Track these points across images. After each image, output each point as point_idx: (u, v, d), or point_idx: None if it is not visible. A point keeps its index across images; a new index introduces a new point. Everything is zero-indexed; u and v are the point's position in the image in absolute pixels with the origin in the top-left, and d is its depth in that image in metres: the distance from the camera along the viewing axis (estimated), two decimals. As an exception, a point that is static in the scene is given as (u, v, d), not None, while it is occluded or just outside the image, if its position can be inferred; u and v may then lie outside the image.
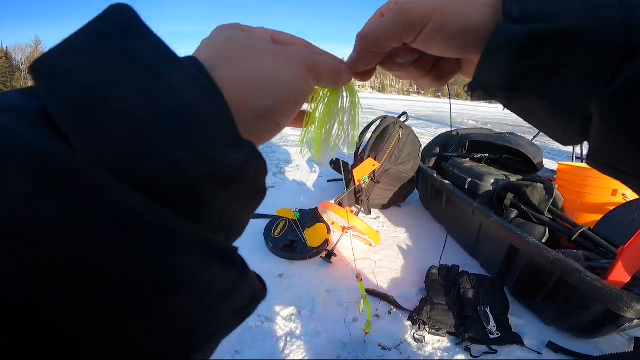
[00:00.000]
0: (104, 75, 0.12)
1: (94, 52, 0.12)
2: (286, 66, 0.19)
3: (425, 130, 7.05)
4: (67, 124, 0.11)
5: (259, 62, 0.18)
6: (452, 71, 0.28)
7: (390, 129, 2.20)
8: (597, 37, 0.18)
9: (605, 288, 1.00)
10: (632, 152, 0.19)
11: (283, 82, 0.19)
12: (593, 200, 1.65)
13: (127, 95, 0.12)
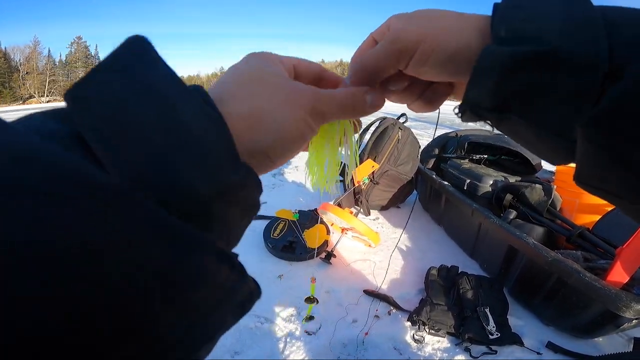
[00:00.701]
0: (129, 107, 0.14)
1: (120, 84, 0.14)
2: (289, 107, 0.20)
3: (424, 132, 7.06)
4: (101, 151, 0.13)
5: (264, 101, 0.19)
6: (444, 94, 0.28)
7: (390, 130, 2.20)
8: (578, 58, 0.18)
9: (604, 288, 1.00)
10: (617, 174, 0.19)
11: (282, 124, 0.20)
12: (591, 200, 1.65)
13: (151, 128, 0.14)
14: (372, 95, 0.25)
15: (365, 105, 0.25)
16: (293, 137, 0.20)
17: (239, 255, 0.17)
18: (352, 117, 0.26)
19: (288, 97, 0.20)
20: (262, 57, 0.23)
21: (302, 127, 0.21)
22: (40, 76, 46.18)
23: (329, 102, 0.22)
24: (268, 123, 0.19)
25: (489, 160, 2.12)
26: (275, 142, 0.20)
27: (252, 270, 0.69)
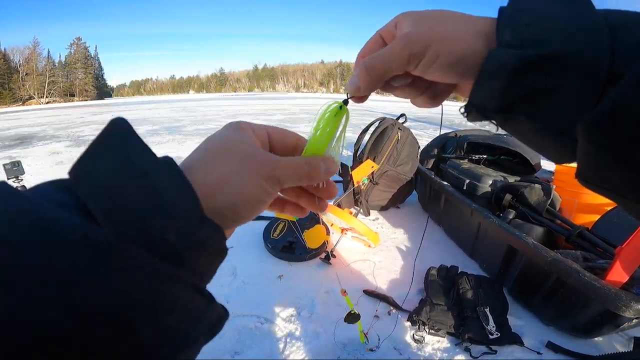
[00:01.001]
0: (116, 182, 0.18)
1: (108, 163, 0.19)
2: (246, 175, 0.23)
3: (424, 132, 7.06)
4: (98, 214, 0.17)
5: (224, 170, 0.22)
6: (446, 91, 0.29)
7: (389, 130, 2.20)
8: (580, 61, 0.19)
9: (604, 288, 1.00)
10: (620, 175, 0.20)
11: (239, 190, 0.22)
12: (590, 200, 1.66)
13: (132, 196, 0.18)
14: (326, 163, 0.28)
15: (320, 172, 0.27)
16: (250, 201, 0.23)
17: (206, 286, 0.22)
18: (308, 183, 0.28)
19: (246, 166, 0.23)
20: (235, 127, 0.26)
21: (258, 192, 0.23)
22: (40, 77, 46.16)
23: (284, 169, 0.25)
24: (227, 189, 0.22)
25: (488, 160, 2.12)
26: (234, 205, 0.22)
27: (252, 271, 0.70)
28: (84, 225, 0.16)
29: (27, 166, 3.50)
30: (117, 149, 0.19)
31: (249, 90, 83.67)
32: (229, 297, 1.35)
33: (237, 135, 0.25)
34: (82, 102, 34.59)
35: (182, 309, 0.18)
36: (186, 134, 6.12)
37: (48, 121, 9.54)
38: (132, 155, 0.19)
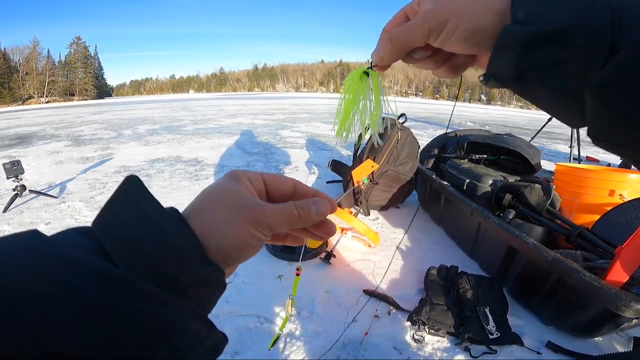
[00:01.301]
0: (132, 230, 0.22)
1: (127, 213, 0.22)
2: (234, 222, 0.25)
3: (424, 132, 7.06)
4: (115, 254, 0.20)
5: (216, 218, 0.25)
6: (465, 63, 0.33)
7: (389, 130, 2.20)
8: (585, 35, 0.22)
9: (604, 288, 1.00)
10: (623, 127, 0.23)
11: (229, 236, 0.25)
12: (591, 200, 1.65)
13: (146, 240, 0.21)
14: (318, 205, 0.30)
15: (311, 215, 0.29)
16: (239, 246, 0.25)
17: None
18: (301, 226, 0.30)
19: (235, 214, 0.26)
20: (231, 176, 0.29)
21: (246, 238, 0.26)
22: (40, 77, 46.05)
23: (273, 216, 0.27)
24: (220, 235, 0.25)
25: (488, 160, 2.12)
26: (227, 249, 0.25)
27: (252, 271, 0.70)
28: (105, 264, 0.19)
29: (26, 165, 3.51)
30: (132, 203, 0.23)
31: (249, 89, 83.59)
32: (229, 297, 1.35)
33: (231, 185, 0.28)
34: (81, 102, 34.54)
35: (188, 333, 0.21)
36: (186, 133, 6.11)
37: (48, 120, 9.53)
38: (145, 208, 0.23)
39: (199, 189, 2.33)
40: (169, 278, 0.21)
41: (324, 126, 7.27)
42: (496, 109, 31.94)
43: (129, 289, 0.19)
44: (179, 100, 24.39)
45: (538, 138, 5.60)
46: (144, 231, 0.22)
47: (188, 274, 0.22)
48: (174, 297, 0.21)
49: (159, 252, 0.21)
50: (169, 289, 0.21)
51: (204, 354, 0.22)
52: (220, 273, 0.24)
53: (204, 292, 0.24)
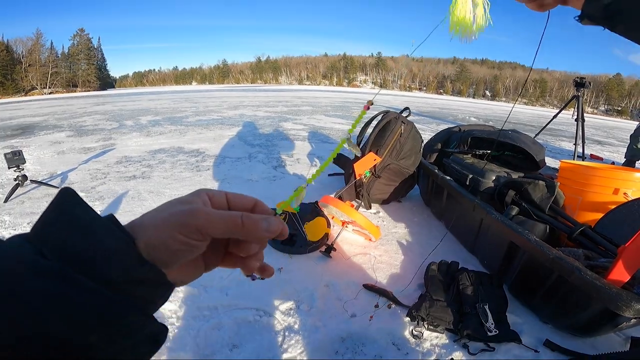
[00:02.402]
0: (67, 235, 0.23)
1: (60, 219, 0.24)
2: (163, 228, 0.27)
3: (427, 126, 7.02)
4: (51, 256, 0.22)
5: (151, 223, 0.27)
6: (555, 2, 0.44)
7: (392, 123, 2.18)
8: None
9: (605, 287, 0.99)
10: None
11: (158, 241, 0.26)
12: (594, 198, 1.64)
13: (78, 242, 0.23)
14: (269, 221, 0.30)
15: (259, 228, 0.30)
16: (164, 249, 0.27)
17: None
18: (245, 238, 0.31)
19: (163, 219, 0.27)
20: (194, 192, 0.30)
21: (169, 242, 0.27)
22: (43, 68, 45.94)
23: (206, 218, 0.28)
24: (146, 238, 0.26)
25: (492, 155, 2.10)
26: (155, 252, 0.26)
27: None
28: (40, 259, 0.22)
29: (28, 155, 3.51)
30: (65, 211, 0.25)
31: (251, 82, 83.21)
32: (228, 290, 1.35)
33: (184, 198, 0.30)
34: (84, 93, 34.48)
35: (120, 322, 0.23)
36: (188, 124, 6.10)
37: (50, 111, 9.54)
38: (77, 214, 0.25)
39: (200, 180, 2.33)
40: (101, 275, 0.23)
41: (327, 119, 7.24)
42: (500, 104, 31.69)
43: (60, 279, 0.21)
44: (181, 91, 24.32)
45: (542, 135, 5.56)
46: (75, 234, 0.24)
47: (122, 273, 0.24)
48: (104, 289, 0.22)
49: (90, 252, 0.23)
50: (102, 284, 0.22)
51: (141, 342, 0.25)
52: (158, 273, 0.26)
53: (143, 290, 0.25)
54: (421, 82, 76.92)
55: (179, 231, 0.27)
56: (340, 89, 46.27)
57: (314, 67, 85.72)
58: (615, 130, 12.26)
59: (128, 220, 0.28)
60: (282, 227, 0.32)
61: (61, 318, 0.20)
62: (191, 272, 0.33)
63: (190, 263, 0.31)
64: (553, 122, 4.26)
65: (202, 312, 1.24)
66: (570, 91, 4.26)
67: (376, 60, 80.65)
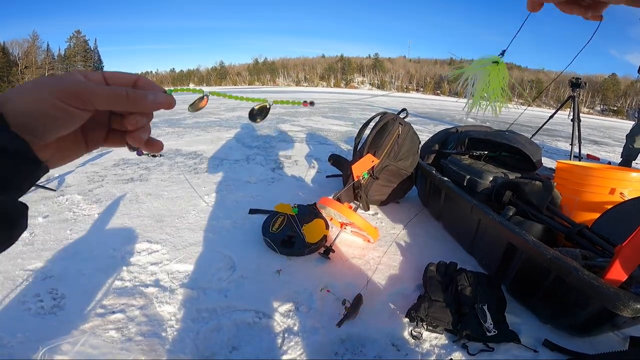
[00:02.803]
0: None
1: None
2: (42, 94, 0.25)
3: (424, 127, 7.04)
4: None
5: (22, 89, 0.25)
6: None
7: (390, 125, 2.19)
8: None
9: (602, 286, 1.00)
10: None
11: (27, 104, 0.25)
12: (591, 198, 1.65)
13: None
14: (155, 94, 0.30)
15: (145, 99, 0.29)
16: (36, 113, 0.25)
17: None
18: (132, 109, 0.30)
19: (43, 88, 0.25)
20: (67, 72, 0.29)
21: (45, 106, 0.25)
22: (39, 70, 45.85)
23: (88, 86, 0.27)
24: (18, 103, 0.24)
25: (489, 156, 2.11)
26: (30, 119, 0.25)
27: (250, 265, 0.70)
28: None
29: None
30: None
31: (249, 83, 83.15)
32: (227, 292, 1.35)
33: (58, 74, 0.28)
34: (81, 94, 34.35)
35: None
36: (185, 126, 6.09)
37: (47, 113, 9.48)
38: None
39: (198, 182, 2.32)
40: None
41: (324, 120, 7.24)
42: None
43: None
44: (179, 93, 24.24)
45: (539, 135, 5.59)
46: None
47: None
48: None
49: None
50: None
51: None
52: (20, 143, 0.24)
53: (4, 162, 0.23)
54: (418, 83, 77.14)
55: (57, 97, 0.26)
56: (337, 90, 46.32)
57: (312, 68, 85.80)
58: (612, 130, 12.33)
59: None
60: (169, 99, 0.32)
61: None
62: (70, 150, 0.31)
63: (68, 138, 0.30)
64: (549, 123, 4.28)
65: (201, 314, 1.24)
66: (566, 91, 4.29)
67: (373, 61, 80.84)
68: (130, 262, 1.56)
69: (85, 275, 1.44)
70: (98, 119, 0.32)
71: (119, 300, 1.30)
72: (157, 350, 1.09)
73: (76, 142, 0.32)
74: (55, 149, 0.29)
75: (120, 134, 0.34)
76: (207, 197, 2.40)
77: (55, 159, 0.30)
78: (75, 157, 0.32)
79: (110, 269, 1.49)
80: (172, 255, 1.63)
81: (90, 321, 1.19)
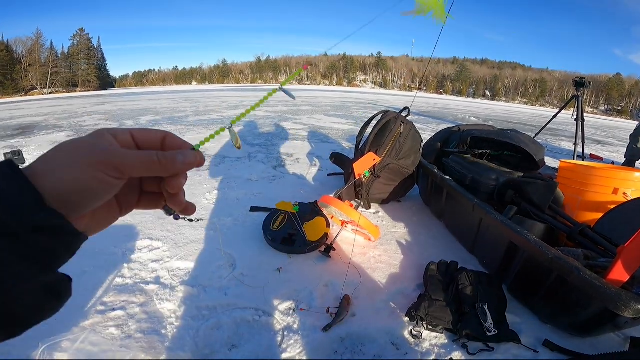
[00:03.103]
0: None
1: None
2: (78, 166, 0.25)
3: (427, 126, 7.02)
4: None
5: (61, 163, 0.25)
6: None
7: (392, 123, 2.18)
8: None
9: (604, 287, 0.99)
10: None
11: (71, 179, 0.25)
12: (594, 198, 1.64)
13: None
14: (183, 154, 0.30)
15: (175, 162, 0.30)
16: (77, 189, 0.25)
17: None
18: (163, 174, 0.30)
19: (78, 158, 0.25)
20: (93, 133, 0.28)
21: (90, 181, 0.25)
22: (43, 68, 45.95)
23: (124, 155, 0.27)
24: (56, 179, 0.24)
25: (491, 155, 2.10)
26: (65, 194, 0.25)
27: (251, 263, 0.71)
28: None
29: (28, 155, 3.51)
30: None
31: (251, 82, 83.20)
32: (227, 290, 1.35)
33: (86, 138, 0.27)
34: (84, 93, 34.47)
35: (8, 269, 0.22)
36: (188, 124, 6.10)
37: (50, 111, 9.53)
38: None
39: (199, 180, 2.33)
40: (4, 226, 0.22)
41: (326, 118, 7.23)
42: (500, 104, 31.69)
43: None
44: (181, 91, 24.31)
45: (542, 134, 5.56)
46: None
47: (16, 219, 0.22)
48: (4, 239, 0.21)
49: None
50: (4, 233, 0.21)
51: (35, 291, 0.24)
52: (59, 219, 0.24)
53: (44, 239, 0.23)
54: (421, 82, 76.89)
55: (96, 168, 0.26)
56: (340, 88, 46.25)
57: (314, 67, 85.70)
58: (615, 130, 12.26)
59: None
60: (198, 158, 0.31)
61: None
62: (105, 217, 0.31)
63: (103, 207, 0.29)
64: (553, 122, 4.26)
65: (201, 312, 1.24)
66: (570, 91, 4.27)
67: (376, 60, 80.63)
68: (131, 259, 1.57)
69: (86, 272, 1.44)
70: (131, 183, 0.32)
71: (119, 298, 1.31)
72: (157, 347, 1.09)
73: (110, 210, 0.32)
74: (90, 218, 0.29)
75: (153, 195, 0.34)
76: (209, 195, 2.41)
77: (91, 228, 0.30)
78: (110, 224, 0.32)
79: (111, 266, 1.50)
80: (173, 252, 1.63)
81: (90, 318, 1.19)
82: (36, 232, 0.23)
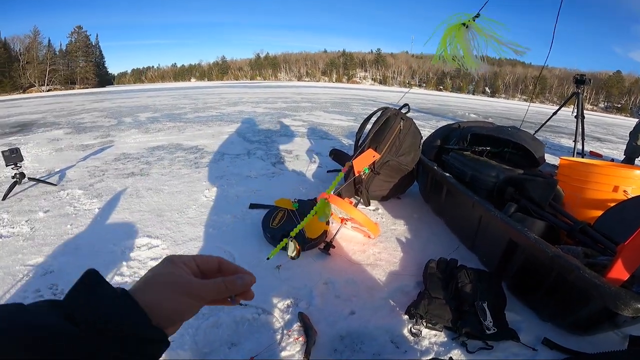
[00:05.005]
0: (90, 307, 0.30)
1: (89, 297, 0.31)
2: (170, 296, 0.35)
3: (427, 123, 7.01)
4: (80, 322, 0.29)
5: (163, 297, 0.35)
6: None
7: (391, 120, 2.17)
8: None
9: (604, 285, 0.99)
10: None
11: (167, 307, 0.35)
12: (594, 196, 1.63)
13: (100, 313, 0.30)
14: (242, 279, 0.43)
15: (237, 286, 0.42)
16: (176, 313, 0.36)
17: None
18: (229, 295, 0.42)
19: (171, 291, 0.36)
20: (168, 261, 0.39)
21: (182, 307, 0.36)
22: (41, 65, 45.68)
23: (202, 288, 0.38)
24: (165, 307, 0.34)
25: (491, 152, 2.09)
26: (170, 317, 0.35)
27: (250, 260, 0.71)
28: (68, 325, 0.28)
29: (26, 153, 3.50)
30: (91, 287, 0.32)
31: (250, 78, 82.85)
32: (226, 287, 1.35)
33: (168, 269, 0.38)
34: (83, 90, 34.31)
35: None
36: (187, 121, 6.08)
37: (49, 109, 9.50)
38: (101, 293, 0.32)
39: (199, 177, 2.32)
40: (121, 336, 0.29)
41: (326, 115, 7.22)
42: (500, 101, 31.64)
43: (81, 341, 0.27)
44: (180, 88, 24.25)
45: (542, 131, 5.55)
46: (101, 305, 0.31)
47: (135, 334, 0.31)
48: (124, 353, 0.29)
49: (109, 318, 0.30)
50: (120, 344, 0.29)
51: None
52: (162, 334, 0.33)
53: (151, 348, 0.32)
54: (421, 79, 76.67)
55: (190, 298, 0.37)
56: (339, 85, 46.14)
57: (314, 63, 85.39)
58: (615, 127, 12.25)
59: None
60: (252, 280, 0.44)
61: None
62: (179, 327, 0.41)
63: None
64: (553, 119, 4.25)
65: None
66: (570, 88, 4.25)
67: (376, 56, 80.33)
68: (130, 257, 1.56)
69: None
70: None
71: (119, 295, 1.30)
72: (156, 345, 1.09)
73: None
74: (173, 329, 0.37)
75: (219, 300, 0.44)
76: (208, 192, 2.40)
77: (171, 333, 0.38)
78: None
79: (110, 264, 1.49)
80: (172, 250, 1.63)
81: (90, 316, 1.19)
82: (147, 344, 0.32)
